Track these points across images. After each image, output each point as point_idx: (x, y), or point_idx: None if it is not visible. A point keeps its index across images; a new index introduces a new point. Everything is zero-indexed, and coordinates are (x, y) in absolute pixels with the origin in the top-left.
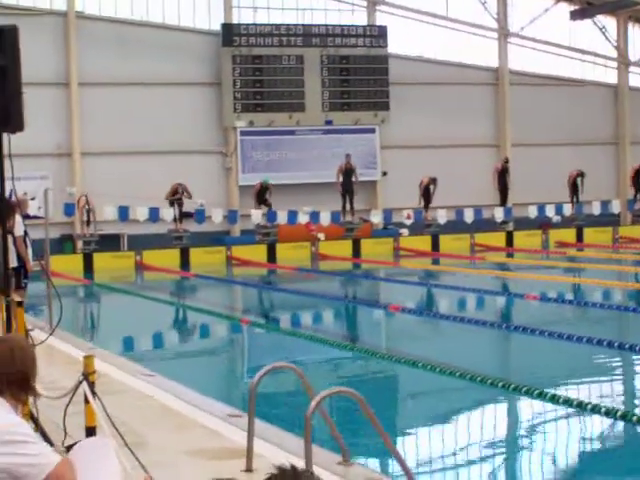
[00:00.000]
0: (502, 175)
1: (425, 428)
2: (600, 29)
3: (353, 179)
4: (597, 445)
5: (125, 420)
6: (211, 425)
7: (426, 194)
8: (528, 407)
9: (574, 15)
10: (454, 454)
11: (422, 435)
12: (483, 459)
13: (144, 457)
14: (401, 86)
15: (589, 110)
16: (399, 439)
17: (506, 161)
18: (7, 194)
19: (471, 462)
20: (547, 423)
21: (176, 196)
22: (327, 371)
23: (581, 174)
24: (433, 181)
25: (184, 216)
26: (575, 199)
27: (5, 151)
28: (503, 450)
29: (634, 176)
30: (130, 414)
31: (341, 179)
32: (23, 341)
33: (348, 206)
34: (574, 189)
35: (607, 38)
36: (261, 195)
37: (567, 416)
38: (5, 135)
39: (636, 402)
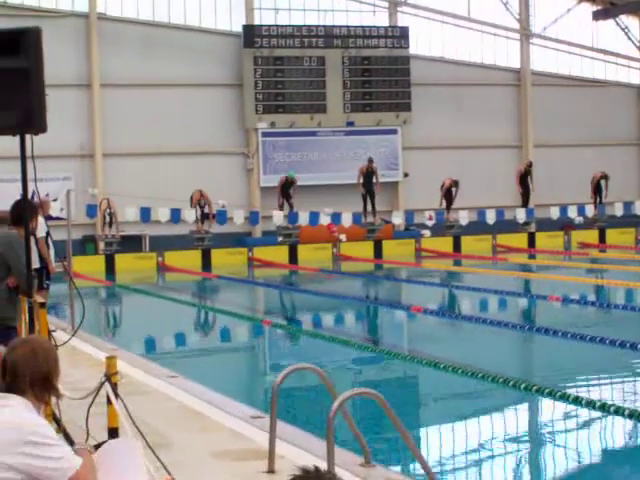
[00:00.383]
0: (524, 178)
1: (447, 429)
2: (623, 29)
3: (374, 181)
4: (619, 447)
5: (147, 421)
6: (233, 426)
7: (448, 196)
8: (551, 409)
9: (597, 15)
10: (476, 456)
11: (444, 436)
12: (505, 461)
13: (166, 458)
14: (423, 87)
15: (612, 111)
16: (421, 440)
17: (529, 165)
18: (29, 195)
19: (493, 463)
20: (570, 425)
21: (200, 202)
22: (349, 372)
23: (605, 176)
24: (455, 183)
25: (205, 217)
26: (598, 200)
27: (28, 152)
28: (525, 452)
29: None
30: (152, 415)
31: (362, 181)
32: (45, 342)
33: (369, 207)
34: (597, 191)
35: (630, 38)
36: (285, 189)
37: (590, 418)
38: (28, 136)
39: None
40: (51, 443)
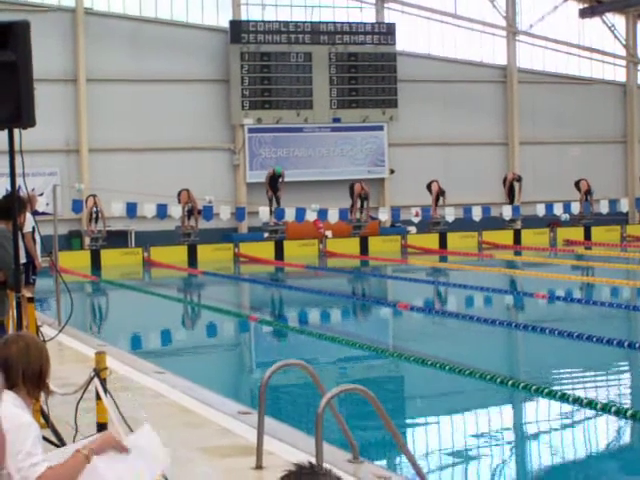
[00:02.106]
0: (511, 187)
1: (434, 426)
2: (609, 27)
3: (365, 204)
4: (607, 444)
5: (135, 417)
6: (221, 422)
7: (511, 191)
8: (537, 405)
9: (583, 13)
10: (463, 452)
11: (431, 433)
12: (491, 457)
13: None
14: (409, 83)
15: (598, 108)
16: (409, 437)
17: (518, 178)
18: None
19: (480, 460)
20: (556, 422)
21: (187, 205)
22: (336, 369)
23: (518, 178)
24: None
25: (191, 213)
26: (585, 199)
27: (16, 147)
28: (512, 448)
29: None
30: (141, 411)
31: (359, 205)
32: (37, 338)
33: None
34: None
35: (616, 36)
36: (273, 182)
37: (576, 415)
38: (16, 131)
39: None
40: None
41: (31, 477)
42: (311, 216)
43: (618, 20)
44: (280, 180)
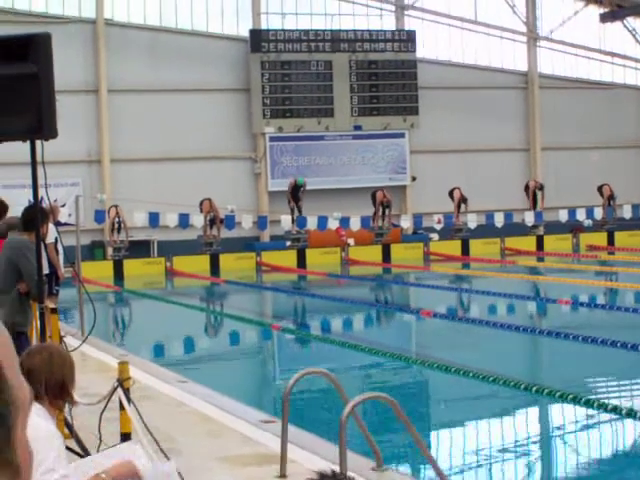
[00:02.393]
0: (534, 195)
1: (458, 433)
2: (630, 31)
3: (387, 212)
4: (632, 450)
5: (159, 426)
6: (244, 431)
7: (534, 198)
8: (562, 411)
9: (604, 18)
10: (487, 459)
11: (455, 440)
12: (516, 464)
13: (178, 463)
14: (430, 90)
15: (619, 113)
16: (432, 444)
17: (540, 187)
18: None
19: (504, 467)
20: (581, 428)
21: (209, 214)
22: (359, 377)
23: (541, 187)
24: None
25: (213, 222)
26: (608, 204)
27: (38, 158)
28: (537, 455)
29: None
30: (163, 420)
31: (381, 212)
32: (62, 349)
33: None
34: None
35: (637, 40)
36: (295, 192)
37: (601, 420)
38: (38, 142)
39: None
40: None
41: None
42: (333, 224)
43: (639, 24)
44: (302, 190)
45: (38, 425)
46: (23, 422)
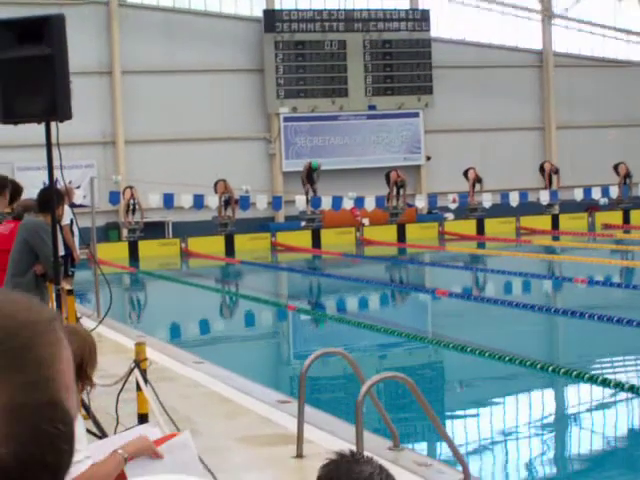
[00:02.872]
0: (549, 177)
1: (474, 413)
2: None
3: (401, 192)
4: None
5: (175, 407)
6: (261, 411)
7: (473, 187)
8: (578, 391)
9: None
10: (503, 439)
11: (472, 420)
12: (533, 443)
13: (196, 444)
14: (444, 70)
15: (635, 91)
16: (449, 424)
17: (556, 171)
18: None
19: (520, 447)
20: (597, 407)
21: (224, 195)
22: (374, 357)
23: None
24: (479, 180)
25: (228, 203)
26: (624, 182)
27: (53, 140)
28: (553, 434)
29: None
30: (180, 401)
31: (395, 192)
32: (83, 331)
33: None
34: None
35: None
36: (310, 175)
37: (617, 400)
38: (53, 124)
39: None
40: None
41: (73, 473)
42: (348, 204)
43: None
44: (316, 173)
45: None
46: None
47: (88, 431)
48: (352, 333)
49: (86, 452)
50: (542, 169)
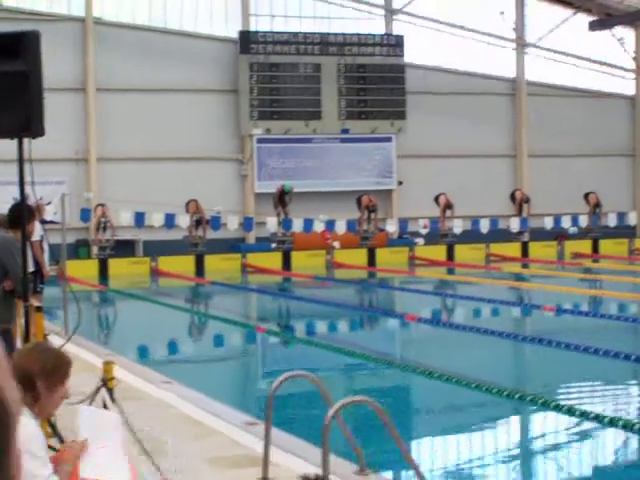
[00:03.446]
0: (520, 206)
1: (441, 438)
2: (618, 40)
3: (373, 215)
4: (613, 459)
5: (143, 427)
6: (229, 433)
7: (444, 213)
8: (544, 419)
9: (592, 26)
10: (470, 465)
11: (438, 445)
12: (499, 470)
13: (162, 464)
14: (418, 95)
15: (606, 121)
16: (415, 449)
17: (527, 200)
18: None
19: (486, 473)
20: (563, 436)
21: (195, 216)
22: (343, 380)
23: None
24: (450, 206)
25: (199, 223)
26: (594, 212)
27: (25, 156)
28: (518, 462)
29: None
30: (148, 421)
31: (365, 216)
32: (53, 348)
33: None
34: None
35: (625, 49)
36: (282, 197)
37: (584, 429)
38: (26, 140)
39: None
40: (38, 455)
41: None
42: (319, 227)
43: (627, 33)
44: (289, 196)
45: (24, 423)
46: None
47: (53, 449)
48: (321, 356)
49: (48, 471)
50: (513, 197)
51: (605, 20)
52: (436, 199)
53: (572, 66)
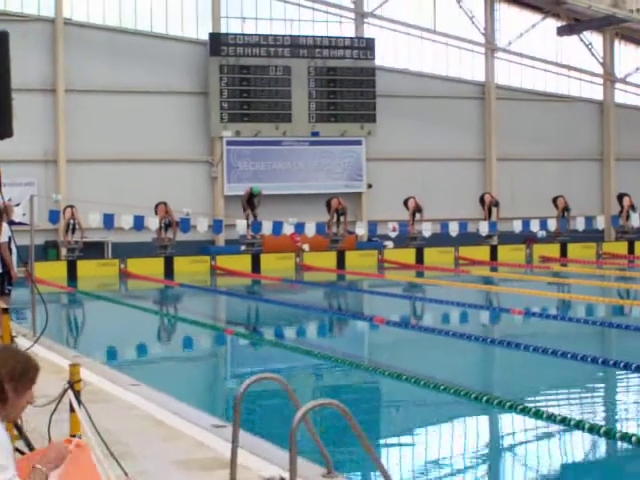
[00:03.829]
0: (489, 209)
1: (408, 440)
2: (587, 45)
3: (342, 219)
4: (578, 461)
5: (110, 429)
6: (196, 435)
7: (413, 217)
8: (512, 422)
9: (561, 31)
10: (437, 467)
11: (406, 447)
12: (466, 473)
13: (129, 467)
14: (388, 98)
15: (575, 126)
16: (383, 451)
17: (495, 204)
18: None
19: (454, 476)
20: (530, 438)
21: (165, 219)
22: (312, 382)
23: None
24: (419, 210)
25: (168, 225)
26: (562, 216)
27: None
28: (486, 465)
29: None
30: (115, 423)
31: (335, 219)
32: (23, 352)
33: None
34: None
35: (593, 54)
36: (250, 200)
37: (550, 432)
38: None
39: (619, 418)
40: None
41: None
42: (288, 229)
43: (596, 39)
44: (258, 199)
45: None
46: None
47: (19, 451)
48: (289, 358)
49: (13, 471)
50: (482, 201)
51: (573, 25)
52: (405, 203)
53: (541, 71)
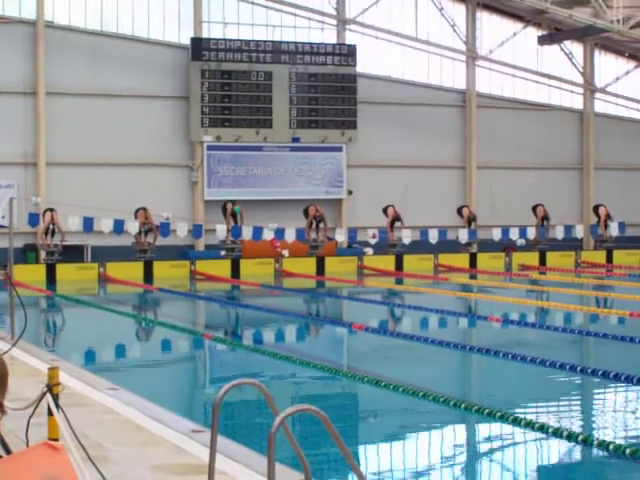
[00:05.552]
0: (468, 223)
1: (387, 447)
2: (567, 55)
3: (321, 225)
4: (557, 469)
5: (88, 434)
6: (175, 440)
7: (392, 225)
8: (490, 429)
9: (542, 40)
10: (416, 474)
11: (384, 454)
12: (444, 479)
13: (107, 471)
14: (369, 105)
15: (555, 135)
16: (362, 458)
17: (474, 218)
18: None
19: None
20: (508, 446)
21: (145, 225)
22: (290, 388)
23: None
24: (399, 218)
25: (148, 230)
26: (542, 224)
27: None
28: (464, 472)
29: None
30: (93, 428)
31: (314, 226)
32: None
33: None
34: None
35: (574, 64)
36: (233, 214)
37: (528, 439)
38: None
39: (596, 426)
40: None
41: None
42: (268, 235)
43: (576, 48)
44: (239, 218)
45: None
46: None
47: None
48: (268, 364)
49: None
50: (460, 213)
51: (554, 35)
52: (384, 211)
53: (522, 79)
